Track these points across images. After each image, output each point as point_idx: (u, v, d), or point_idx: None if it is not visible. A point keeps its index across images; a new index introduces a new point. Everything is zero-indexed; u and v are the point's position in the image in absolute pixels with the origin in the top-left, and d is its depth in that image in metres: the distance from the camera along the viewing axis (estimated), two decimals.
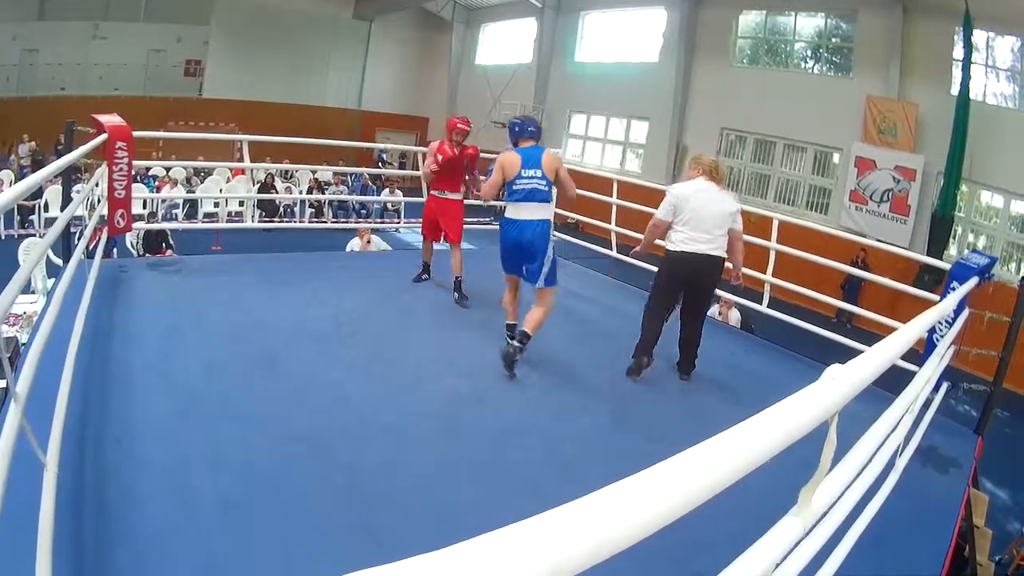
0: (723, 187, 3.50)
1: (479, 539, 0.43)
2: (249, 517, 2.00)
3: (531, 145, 3.47)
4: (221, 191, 12.02)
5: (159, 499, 2.00)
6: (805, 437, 0.81)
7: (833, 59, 12.50)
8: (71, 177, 4.65)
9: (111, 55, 15.85)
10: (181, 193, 11.95)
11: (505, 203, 3.50)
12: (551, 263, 3.39)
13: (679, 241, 3.39)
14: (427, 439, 2.65)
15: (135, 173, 5.41)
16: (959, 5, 9.67)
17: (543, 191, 3.39)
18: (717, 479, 0.63)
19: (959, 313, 3.20)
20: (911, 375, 2.31)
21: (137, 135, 4.34)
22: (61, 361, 2.20)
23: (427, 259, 4.82)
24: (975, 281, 3.26)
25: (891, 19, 10.96)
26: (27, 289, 5.26)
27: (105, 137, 4.08)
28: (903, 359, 1.91)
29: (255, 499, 2.09)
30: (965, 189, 10.58)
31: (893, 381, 1.87)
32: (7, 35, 14.47)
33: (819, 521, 1.12)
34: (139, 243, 7.93)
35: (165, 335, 3.26)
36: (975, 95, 10.08)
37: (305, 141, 6.24)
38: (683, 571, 1.93)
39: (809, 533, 1.07)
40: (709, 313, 3.95)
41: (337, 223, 11.56)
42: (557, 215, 4.08)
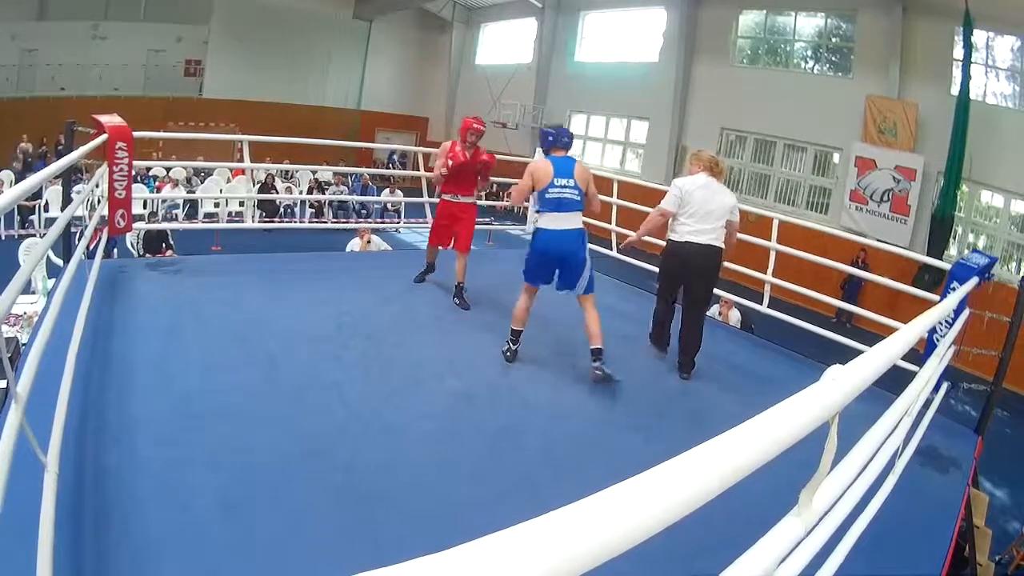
0: (722, 181, 3.64)
1: (481, 541, 0.43)
2: (249, 517, 2.01)
3: (563, 155, 3.50)
4: (221, 191, 12.05)
5: (159, 499, 2.00)
6: (805, 437, 0.81)
7: (833, 59, 12.50)
8: (71, 177, 4.64)
9: (111, 55, 15.84)
10: (181, 193, 11.95)
11: (539, 213, 3.48)
12: (591, 270, 3.42)
13: (684, 232, 3.56)
14: (426, 439, 2.66)
15: (135, 173, 5.41)
16: (959, 5, 9.66)
17: (576, 200, 3.40)
18: (719, 480, 0.62)
19: (959, 313, 3.20)
20: (911, 375, 2.31)
21: (137, 135, 4.34)
22: (61, 361, 2.20)
23: (431, 259, 4.74)
24: (975, 281, 3.26)
25: (891, 19, 10.97)
26: (27, 289, 5.26)
27: (105, 137, 4.08)
28: (903, 359, 1.91)
29: (255, 499, 2.10)
30: (965, 189, 10.58)
31: (893, 381, 1.87)
32: (7, 35, 14.45)
33: (820, 521, 1.12)
34: (139, 243, 7.94)
35: (165, 335, 3.26)
36: (975, 95, 10.09)
37: (305, 141, 6.25)
38: (684, 571, 1.94)
39: (810, 533, 1.07)
40: (709, 313, 3.97)
41: (337, 223, 11.57)
42: None
